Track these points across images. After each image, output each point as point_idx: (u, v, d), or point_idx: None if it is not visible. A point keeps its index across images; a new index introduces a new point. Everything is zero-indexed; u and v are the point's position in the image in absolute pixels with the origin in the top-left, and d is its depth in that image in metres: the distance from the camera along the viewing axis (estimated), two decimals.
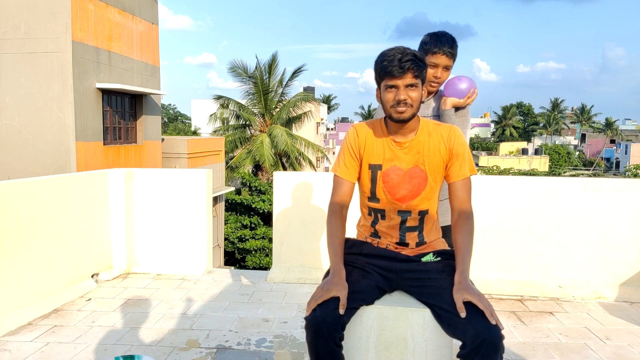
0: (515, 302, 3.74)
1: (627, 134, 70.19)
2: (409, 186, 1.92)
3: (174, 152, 14.87)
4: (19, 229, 3.34)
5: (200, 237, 4.45)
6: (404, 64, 1.77)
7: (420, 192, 1.92)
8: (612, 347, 2.97)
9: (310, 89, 43.98)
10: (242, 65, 21.76)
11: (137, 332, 3.14)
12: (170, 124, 53.58)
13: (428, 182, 1.92)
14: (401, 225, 1.96)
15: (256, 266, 17.52)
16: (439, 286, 1.82)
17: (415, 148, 1.92)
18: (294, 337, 3.08)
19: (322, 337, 1.70)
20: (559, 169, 37.82)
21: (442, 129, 1.95)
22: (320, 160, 31.59)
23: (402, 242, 1.97)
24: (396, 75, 1.78)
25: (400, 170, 1.92)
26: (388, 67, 1.78)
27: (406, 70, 1.78)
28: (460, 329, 1.68)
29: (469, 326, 1.65)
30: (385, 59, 1.80)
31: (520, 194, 3.93)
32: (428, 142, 1.92)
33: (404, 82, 1.79)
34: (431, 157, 1.92)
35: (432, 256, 1.94)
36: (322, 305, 1.73)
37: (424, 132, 1.93)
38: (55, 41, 10.12)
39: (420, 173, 1.92)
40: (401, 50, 1.80)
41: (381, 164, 1.94)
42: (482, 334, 1.62)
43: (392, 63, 1.78)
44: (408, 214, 1.95)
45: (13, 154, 10.41)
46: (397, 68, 1.77)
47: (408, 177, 1.92)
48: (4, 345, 2.95)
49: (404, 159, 1.92)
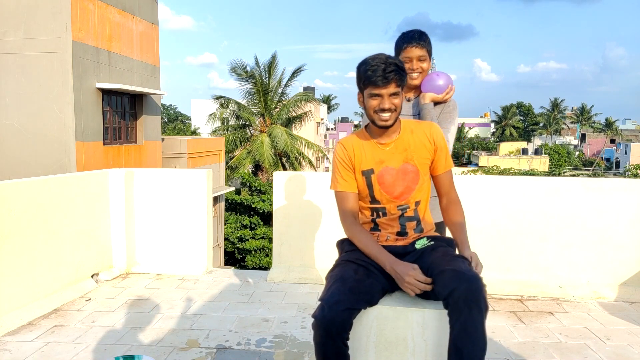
0: (515, 302, 3.74)
1: (627, 134, 70.14)
2: (403, 182, 2.01)
3: (174, 152, 14.87)
4: (19, 229, 3.34)
5: (200, 237, 4.44)
6: (388, 75, 1.85)
7: (415, 186, 2.02)
8: (612, 347, 2.97)
9: (310, 89, 43.96)
10: (242, 65, 21.76)
11: (137, 332, 3.14)
12: (170, 124, 53.55)
13: (420, 176, 2.02)
14: (400, 217, 2.04)
15: (256, 266, 17.51)
16: (431, 261, 1.90)
17: (401, 146, 2.01)
18: (294, 337, 3.08)
19: (331, 337, 1.72)
20: (559, 169, 37.77)
21: (422, 125, 2.06)
22: (320, 160, 31.58)
23: (402, 232, 2.04)
24: (380, 85, 1.86)
25: (392, 170, 2.01)
26: (372, 77, 1.86)
27: (390, 81, 1.86)
28: (440, 275, 1.78)
29: (447, 270, 1.77)
30: (369, 69, 1.87)
31: (520, 194, 3.93)
32: (412, 139, 2.02)
33: (388, 92, 1.88)
34: (418, 152, 2.02)
35: (425, 240, 2.03)
36: (332, 306, 1.74)
37: (406, 131, 2.03)
38: (55, 41, 10.11)
39: (412, 168, 2.02)
40: (384, 59, 1.87)
41: (373, 168, 2.02)
42: (461, 274, 1.71)
43: (377, 73, 1.85)
44: (407, 207, 2.03)
45: (13, 154, 10.40)
46: (381, 78, 1.85)
47: (401, 174, 2.01)
48: (4, 345, 2.95)
49: (394, 158, 2.01)
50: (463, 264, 1.80)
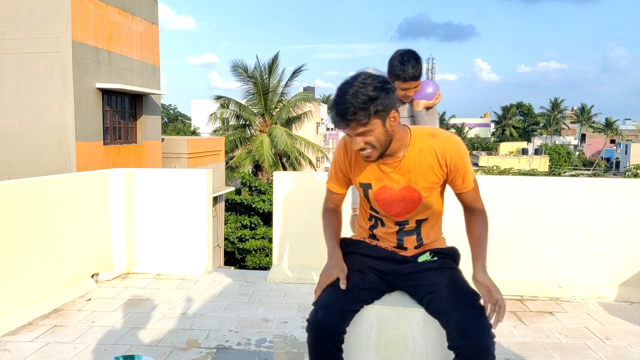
0: (515, 302, 3.74)
1: (627, 134, 70.15)
2: (402, 204, 1.86)
3: (174, 152, 14.87)
4: (19, 229, 3.34)
5: (200, 237, 4.45)
6: (345, 118, 1.62)
7: (415, 209, 1.87)
8: (612, 347, 2.97)
9: (310, 89, 43.91)
10: (243, 65, 21.77)
11: (137, 332, 3.14)
12: (170, 124, 53.55)
13: (422, 200, 1.85)
14: (398, 232, 1.93)
15: (256, 266, 17.51)
16: (432, 283, 1.82)
17: (405, 168, 1.81)
18: (294, 337, 3.08)
19: (323, 340, 1.70)
20: (559, 169, 37.75)
21: (437, 143, 1.79)
22: (320, 160, 31.57)
23: (400, 246, 1.95)
24: (342, 128, 1.67)
25: (392, 191, 1.85)
26: (333, 118, 1.66)
27: (348, 123, 1.63)
28: (446, 320, 1.69)
29: (453, 316, 1.66)
30: (331, 108, 1.66)
31: (520, 194, 3.93)
32: (419, 160, 1.80)
33: (354, 132, 1.67)
34: (423, 176, 1.81)
35: (428, 255, 1.92)
36: (325, 308, 1.72)
37: (414, 149, 1.80)
38: (55, 41, 10.12)
39: (413, 192, 1.84)
40: (343, 99, 1.60)
41: (371, 183, 1.88)
42: (466, 330, 1.62)
43: (337, 114, 1.63)
44: (406, 222, 1.92)
45: (13, 154, 10.40)
46: (339, 122, 1.64)
47: (400, 197, 1.85)
48: (4, 345, 2.95)
49: (395, 178, 1.84)
50: (473, 309, 1.67)
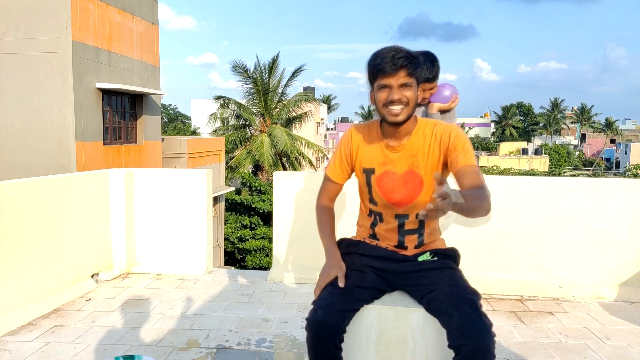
0: (515, 302, 3.74)
1: (627, 134, 70.17)
2: (404, 190, 1.87)
3: (174, 152, 14.88)
4: (19, 229, 3.34)
5: (200, 237, 4.44)
6: (397, 61, 1.71)
7: (417, 196, 1.87)
8: (612, 347, 2.97)
9: (310, 89, 43.96)
10: (243, 65, 21.78)
11: (137, 332, 3.14)
12: (170, 124, 53.56)
13: (424, 186, 1.86)
14: (399, 229, 1.93)
15: (256, 266, 17.51)
16: (432, 282, 1.82)
17: (409, 151, 1.86)
18: (294, 337, 3.08)
19: (323, 339, 1.70)
20: (559, 169, 37.76)
21: (438, 128, 1.86)
22: (320, 160, 31.57)
23: (400, 245, 1.94)
24: (389, 72, 1.72)
25: (394, 175, 1.88)
26: (380, 64, 1.72)
27: (399, 68, 1.71)
28: (447, 319, 1.68)
29: (454, 315, 1.65)
30: (378, 58, 1.75)
31: (520, 194, 3.93)
32: (422, 144, 1.85)
33: (398, 82, 1.73)
34: (426, 161, 1.85)
35: (428, 255, 1.92)
36: (324, 308, 1.72)
37: (418, 134, 1.86)
38: (55, 41, 10.11)
39: (415, 177, 1.86)
40: (394, 48, 1.74)
41: (374, 168, 1.91)
42: (466, 329, 1.61)
43: (385, 60, 1.72)
44: (405, 217, 1.91)
45: (13, 154, 10.40)
46: (389, 65, 1.71)
47: (403, 182, 1.87)
48: (4, 345, 2.95)
49: (398, 162, 1.87)
50: (473, 308, 1.67)
